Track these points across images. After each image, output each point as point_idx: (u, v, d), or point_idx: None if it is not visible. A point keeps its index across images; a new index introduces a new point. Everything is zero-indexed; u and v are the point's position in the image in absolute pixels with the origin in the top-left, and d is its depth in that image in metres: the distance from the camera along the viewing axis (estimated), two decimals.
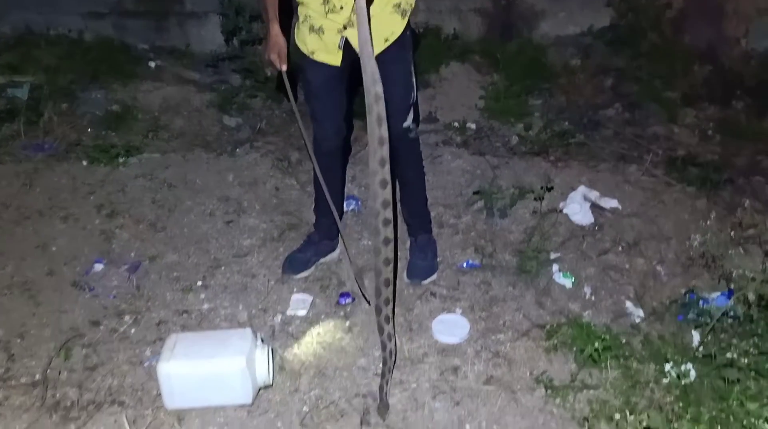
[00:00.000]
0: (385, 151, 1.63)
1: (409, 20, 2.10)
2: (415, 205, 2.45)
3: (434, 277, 2.40)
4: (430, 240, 2.48)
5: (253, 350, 1.86)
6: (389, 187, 1.67)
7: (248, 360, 1.83)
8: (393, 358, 1.90)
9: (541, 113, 3.59)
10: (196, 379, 1.81)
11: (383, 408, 1.85)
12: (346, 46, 2.03)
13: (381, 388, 1.87)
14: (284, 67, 2.15)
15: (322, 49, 2.06)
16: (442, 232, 2.66)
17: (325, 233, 2.45)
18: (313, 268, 2.43)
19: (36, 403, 1.88)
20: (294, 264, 2.41)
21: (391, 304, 1.86)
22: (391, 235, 1.71)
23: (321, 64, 2.09)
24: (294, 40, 2.16)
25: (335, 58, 2.06)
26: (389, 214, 1.69)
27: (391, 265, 1.77)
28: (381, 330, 1.87)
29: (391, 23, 2.04)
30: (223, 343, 1.87)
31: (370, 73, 1.59)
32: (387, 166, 1.65)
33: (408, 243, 2.51)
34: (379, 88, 1.59)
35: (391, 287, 1.82)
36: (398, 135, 2.21)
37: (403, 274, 2.40)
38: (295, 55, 2.18)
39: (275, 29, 2.12)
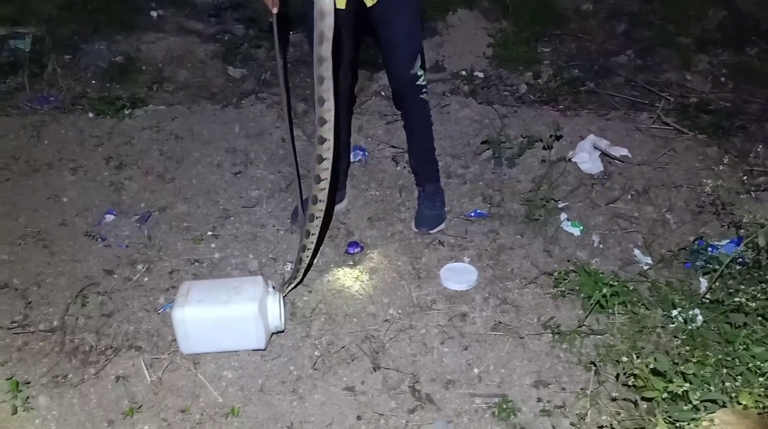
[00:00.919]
0: (324, 68, 1.55)
1: None
2: (422, 154, 2.44)
3: (442, 226, 2.41)
4: (438, 189, 2.48)
5: (265, 296, 1.89)
6: (326, 104, 1.59)
7: (260, 306, 1.86)
8: (305, 261, 1.96)
9: (551, 61, 3.51)
10: (210, 325, 1.85)
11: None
12: None
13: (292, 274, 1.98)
14: (275, 10, 2.06)
15: None
16: (449, 182, 2.65)
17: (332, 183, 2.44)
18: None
19: (55, 348, 1.93)
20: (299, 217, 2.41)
21: (319, 204, 1.83)
22: (327, 136, 1.67)
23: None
24: None
25: (339, 1, 2.01)
26: (325, 131, 1.65)
27: (324, 162, 1.73)
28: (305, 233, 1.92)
29: None
30: (236, 289, 1.90)
31: None
32: (324, 84, 1.57)
33: (416, 192, 2.51)
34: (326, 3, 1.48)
35: (322, 185, 1.78)
36: (405, 82, 2.18)
37: (411, 224, 2.41)
38: (296, 2, 2.12)
39: None
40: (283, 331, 1.96)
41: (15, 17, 3.48)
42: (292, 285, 2.09)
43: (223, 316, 1.86)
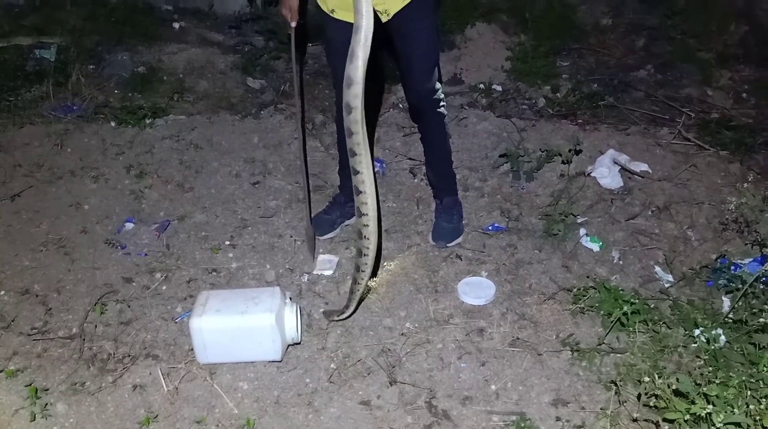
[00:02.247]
0: (354, 141, 1.58)
1: None
2: (440, 166, 2.43)
3: (460, 239, 2.40)
4: (456, 202, 2.47)
5: (282, 307, 1.89)
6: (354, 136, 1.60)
7: (278, 317, 1.86)
8: (357, 295, 1.92)
9: (570, 74, 3.50)
10: (227, 335, 1.86)
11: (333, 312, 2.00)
12: None
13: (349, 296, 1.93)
14: (293, 23, 2.09)
15: (342, 6, 2.00)
16: (467, 195, 2.64)
17: (350, 195, 2.44)
18: (338, 229, 2.44)
19: (74, 355, 1.95)
20: (320, 225, 2.42)
21: (365, 241, 1.78)
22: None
23: (341, 22, 2.02)
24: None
25: (347, 15, 2.00)
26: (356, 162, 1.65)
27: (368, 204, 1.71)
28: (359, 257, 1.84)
29: None
30: (254, 300, 1.91)
31: (364, 31, 1.45)
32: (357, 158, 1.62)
33: (433, 205, 2.51)
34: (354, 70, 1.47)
35: (365, 221, 1.74)
36: (423, 96, 2.18)
37: (428, 237, 2.40)
38: (316, 15, 2.13)
39: None
40: (299, 343, 1.96)
41: (41, 27, 3.56)
42: (343, 315, 2.03)
43: (240, 326, 1.86)
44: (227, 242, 2.41)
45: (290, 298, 1.97)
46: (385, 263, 2.31)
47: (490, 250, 2.37)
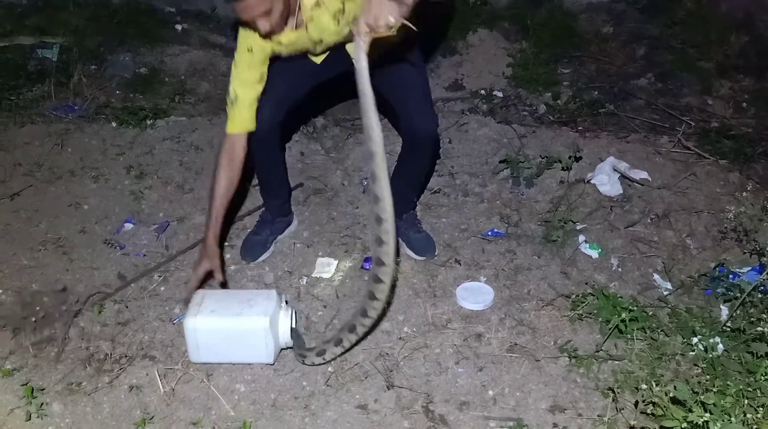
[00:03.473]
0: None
1: None
2: (415, 189, 2.38)
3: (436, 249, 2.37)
4: (416, 215, 2.44)
5: (277, 312, 1.89)
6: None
7: (272, 321, 1.85)
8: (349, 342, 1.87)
9: (571, 82, 3.51)
10: (221, 336, 1.85)
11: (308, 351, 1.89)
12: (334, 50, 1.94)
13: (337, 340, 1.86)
14: (219, 277, 1.98)
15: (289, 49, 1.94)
16: (467, 201, 2.65)
17: (277, 212, 2.38)
18: (272, 247, 2.38)
19: (70, 355, 1.94)
20: (251, 247, 2.33)
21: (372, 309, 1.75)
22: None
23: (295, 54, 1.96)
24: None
25: (316, 57, 1.99)
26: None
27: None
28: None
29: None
30: (249, 302, 1.90)
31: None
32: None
33: (430, 210, 2.50)
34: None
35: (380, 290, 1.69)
36: (431, 132, 2.09)
37: (408, 253, 2.35)
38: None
39: (211, 237, 1.97)
40: (292, 348, 1.95)
41: (44, 27, 3.56)
42: (323, 358, 1.90)
43: (234, 328, 1.85)
44: (226, 244, 2.41)
45: (286, 302, 1.97)
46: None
47: (489, 255, 2.37)
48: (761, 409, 1.58)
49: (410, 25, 1.55)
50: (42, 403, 1.77)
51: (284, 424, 1.76)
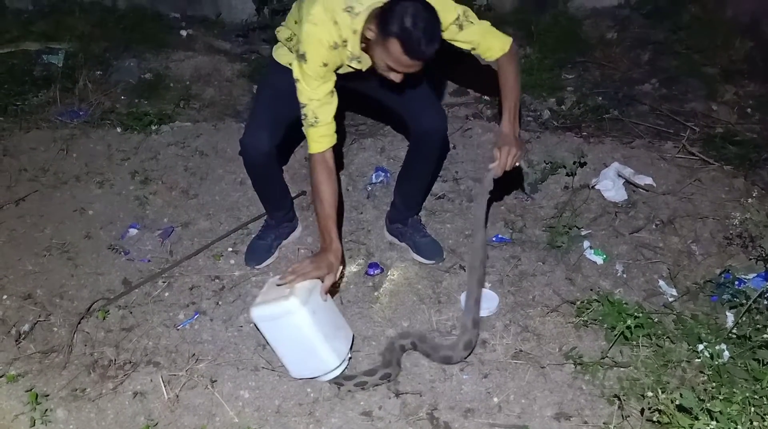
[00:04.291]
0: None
1: None
2: (421, 193, 2.39)
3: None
4: (420, 219, 2.44)
5: (346, 359, 1.87)
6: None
7: (340, 364, 1.84)
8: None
9: (575, 87, 3.51)
10: (300, 337, 1.77)
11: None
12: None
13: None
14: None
15: None
16: (471, 206, 2.64)
17: (282, 218, 2.37)
18: (276, 252, 2.37)
19: (75, 361, 1.94)
20: (255, 252, 2.33)
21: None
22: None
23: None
24: (272, 55, 2.12)
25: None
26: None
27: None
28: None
29: None
30: (336, 330, 1.87)
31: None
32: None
33: (434, 215, 2.50)
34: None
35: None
36: (442, 133, 2.11)
37: (414, 257, 2.36)
38: (266, 68, 2.14)
39: (337, 242, 1.87)
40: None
41: (50, 33, 3.58)
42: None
43: (313, 341, 1.78)
44: (230, 249, 2.41)
45: (350, 358, 1.92)
46: (389, 273, 2.31)
47: (494, 261, 2.37)
48: (767, 416, 1.57)
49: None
50: (46, 409, 1.78)
51: None
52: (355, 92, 2.12)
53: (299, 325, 1.75)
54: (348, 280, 2.28)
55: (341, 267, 1.89)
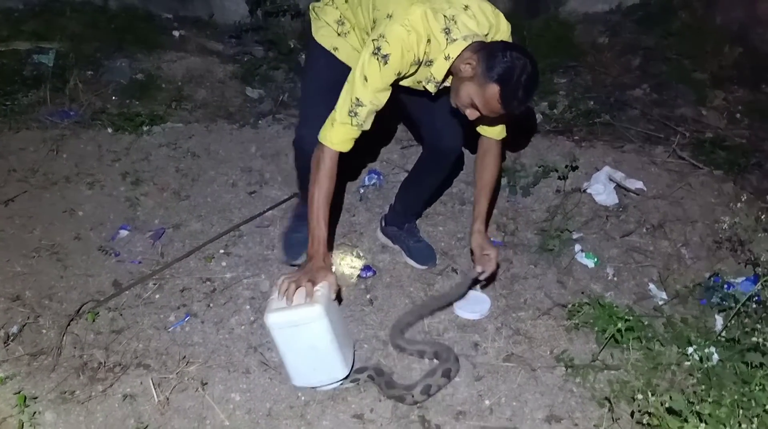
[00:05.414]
0: None
1: None
2: (421, 206, 2.40)
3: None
4: (416, 224, 2.44)
5: (347, 372, 1.85)
6: None
7: (348, 374, 1.84)
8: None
9: (567, 92, 3.53)
10: (314, 342, 1.74)
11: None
12: None
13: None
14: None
15: (344, 47, 1.94)
16: (464, 209, 2.65)
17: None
18: None
19: (64, 363, 1.92)
20: (292, 246, 2.29)
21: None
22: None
23: (341, 63, 1.93)
24: (312, 36, 2.00)
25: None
26: None
27: None
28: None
29: None
30: (348, 344, 1.88)
31: None
32: None
33: (427, 219, 2.50)
34: None
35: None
36: (446, 151, 2.11)
37: (408, 262, 2.36)
38: (308, 49, 2.05)
39: (324, 249, 1.78)
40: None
41: (41, 32, 3.56)
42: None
43: (329, 349, 1.75)
44: (222, 251, 2.40)
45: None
46: (381, 275, 2.31)
47: None
48: (756, 419, 1.58)
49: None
50: (35, 412, 1.76)
51: None
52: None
53: (318, 333, 1.72)
54: (341, 282, 2.27)
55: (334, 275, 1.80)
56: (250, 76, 3.53)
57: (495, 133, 2.01)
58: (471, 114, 1.77)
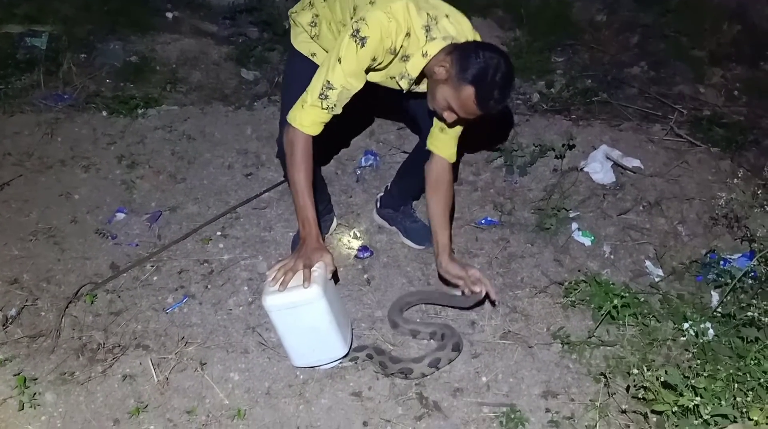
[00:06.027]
0: None
1: None
2: (417, 191, 2.37)
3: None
4: (412, 205, 2.43)
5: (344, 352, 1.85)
6: None
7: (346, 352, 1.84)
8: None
9: (564, 70, 3.51)
10: (314, 324, 1.75)
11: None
12: None
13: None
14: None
15: (323, 54, 1.90)
16: (460, 190, 2.65)
17: (321, 212, 2.30)
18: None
19: (63, 345, 1.93)
20: None
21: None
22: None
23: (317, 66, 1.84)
24: (291, 43, 2.00)
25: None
26: None
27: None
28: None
29: None
30: (348, 324, 1.90)
31: None
32: None
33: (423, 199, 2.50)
34: None
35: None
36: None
37: (405, 242, 2.36)
38: (288, 55, 2.04)
39: (316, 229, 1.76)
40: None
41: (33, 15, 3.51)
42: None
43: (328, 329, 1.76)
44: (218, 233, 2.40)
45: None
46: (378, 256, 2.31)
47: (483, 243, 2.38)
48: (751, 392, 1.60)
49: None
50: (35, 393, 1.77)
51: (278, 411, 1.76)
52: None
53: (317, 314, 1.72)
54: (337, 262, 2.27)
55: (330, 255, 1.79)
56: (245, 58, 3.50)
57: (448, 153, 1.96)
58: (449, 116, 1.74)
